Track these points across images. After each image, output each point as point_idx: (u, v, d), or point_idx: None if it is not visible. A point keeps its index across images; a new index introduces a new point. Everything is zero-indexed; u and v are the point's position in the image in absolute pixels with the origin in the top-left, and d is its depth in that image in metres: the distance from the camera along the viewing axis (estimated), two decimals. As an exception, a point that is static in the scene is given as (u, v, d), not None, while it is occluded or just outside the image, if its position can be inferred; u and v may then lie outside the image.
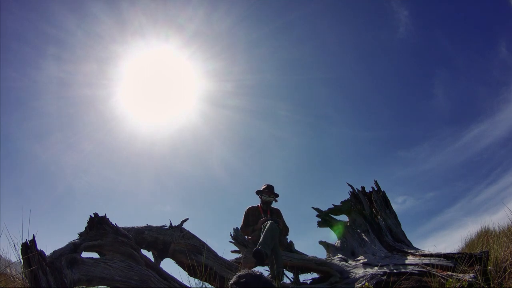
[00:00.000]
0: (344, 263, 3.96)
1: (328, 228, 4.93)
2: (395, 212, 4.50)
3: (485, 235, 5.32)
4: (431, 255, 3.35)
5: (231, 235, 4.28)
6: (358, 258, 4.07)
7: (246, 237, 4.30)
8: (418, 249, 3.73)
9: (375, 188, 4.79)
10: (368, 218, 4.48)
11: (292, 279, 4.09)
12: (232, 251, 4.25)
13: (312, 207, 4.96)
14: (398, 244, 3.94)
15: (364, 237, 4.33)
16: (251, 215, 4.37)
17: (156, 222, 3.68)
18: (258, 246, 3.60)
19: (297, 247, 4.33)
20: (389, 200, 4.62)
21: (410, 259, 3.48)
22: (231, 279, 1.95)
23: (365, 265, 3.79)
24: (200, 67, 14.32)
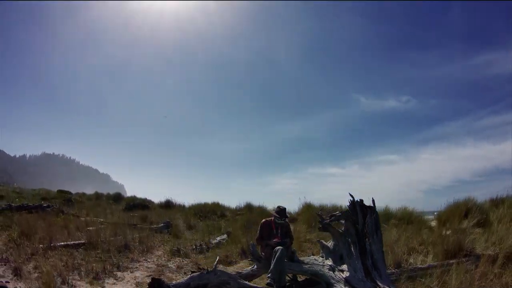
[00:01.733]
0: (332, 273, 5.22)
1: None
2: (381, 235, 5.37)
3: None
4: (390, 302, 4.65)
5: (249, 249, 5.70)
6: (343, 268, 5.31)
7: (259, 250, 5.72)
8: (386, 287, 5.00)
9: (372, 207, 5.50)
10: (359, 233, 5.49)
11: (289, 277, 5.76)
12: (249, 260, 5.80)
13: (316, 213, 5.97)
14: (374, 272, 5.04)
15: (352, 249, 5.48)
16: (265, 229, 5.65)
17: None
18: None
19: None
20: (379, 225, 5.46)
21: (376, 296, 4.83)
22: None
23: (346, 282, 5.11)
24: None
